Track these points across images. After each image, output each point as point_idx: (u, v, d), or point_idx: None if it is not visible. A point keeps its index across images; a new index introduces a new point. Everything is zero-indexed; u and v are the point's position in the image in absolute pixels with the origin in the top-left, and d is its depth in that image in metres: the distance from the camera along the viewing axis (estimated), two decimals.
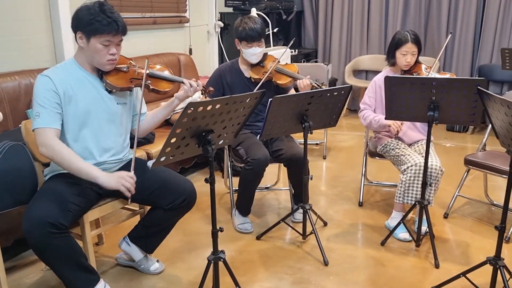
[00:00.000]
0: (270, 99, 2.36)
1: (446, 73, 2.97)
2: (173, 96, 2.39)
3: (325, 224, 3.08)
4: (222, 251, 2.17)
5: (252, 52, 2.95)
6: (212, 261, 2.12)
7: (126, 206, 2.48)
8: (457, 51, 5.38)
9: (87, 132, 2.17)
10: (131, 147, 2.39)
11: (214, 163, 2.01)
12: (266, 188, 3.67)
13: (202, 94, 2.53)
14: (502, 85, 5.25)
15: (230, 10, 5.25)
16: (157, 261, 2.54)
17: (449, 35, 3.21)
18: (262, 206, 3.41)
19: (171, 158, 1.92)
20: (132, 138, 2.34)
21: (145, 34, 4.21)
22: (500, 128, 2.16)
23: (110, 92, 2.23)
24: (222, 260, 2.15)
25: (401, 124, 2.84)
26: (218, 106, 1.85)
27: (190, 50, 4.79)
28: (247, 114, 2.08)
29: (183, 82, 2.34)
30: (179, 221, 2.45)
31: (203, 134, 1.93)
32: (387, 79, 2.52)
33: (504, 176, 2.82)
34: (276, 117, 2.46)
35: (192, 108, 1.75)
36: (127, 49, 2.25)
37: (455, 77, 2.64)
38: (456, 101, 2.45)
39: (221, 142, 2.10)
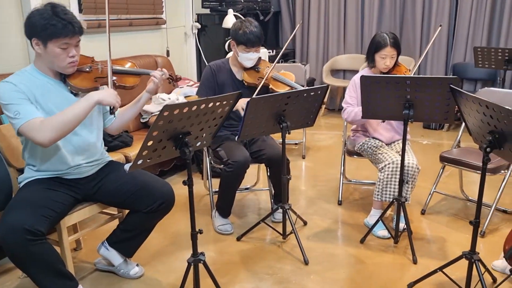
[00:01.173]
0: (247, 100, 2.37)
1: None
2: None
3: (305, 223, 3.10)
4: (202, 253, 2.16)
5: (250, 57, 2.91)
6: (192, 264, 2.12)
7: (104, 210, 2.46)
8: (432, 51, 5.48)
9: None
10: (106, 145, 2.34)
11: (193, 165, 2.00)
12: (246, 189, 3.67)
13: (169, 82, 2.48)
14: (476, 82, 5.37)
15: (207, 11, 5.24)
16: (137, 265, 2.52)
17: (439, 28, 3.05)
18: (242, 207, 3.41)
19: (148, 161, 1.90)
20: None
21: (121, 36, 4.17)
22: (473, 125, 2.20)
23: (76, 94, 2.18)
24: (202, 262, 2.14)
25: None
26: (194, 108, 1.84)
27: (168, 51, 4.76)
28: (224, 115, 2.07)
29: (149, 74, 2.29)
30: (158, 224, 2.43)
31: (180, 136, 1.92)
32: (362, 78, 2.55)
33: (478, 172, 2.88)
34: (254, 118, 2.47)
35: (168, 111, 1.74)
36: (103, 51, 2.22)
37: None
38: (430, 99, 2.49)
39: (198, 144, 2.10)
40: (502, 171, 2.97)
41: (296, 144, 4.77)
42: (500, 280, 2.38)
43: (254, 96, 2.78)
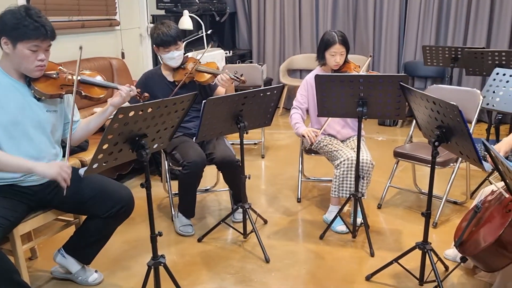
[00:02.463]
0: (204, 101, 2.37)
1: (372, 72, 3.11)
2: (107, 101, 2.33)
3: (265, 222, 3.13)
4: (162, 256, 2.15)
5: (170, 56, 2.98)
6: (152, 267, 2.10)
7: (59, 217, 2.39)
8: (384, 50, 5.64)
9: (15, 141, 2.07)
10: (64, 155, 2.30)
11: (152, 167, 1.99)
12: (206, 190, 3.67)
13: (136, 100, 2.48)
14: (426, 80, 5.57)
15: (162, 12, 5.19)
16: (96, 271, 2.47)
17: (369, 58, 3.33)
18: (202, 208, 3.41)
19: (104, 164, 1.87)
20: (64, 145, 2.25)
21: (74, 38, 4.07)
22: (422, 120, 2.30)
23: (39, 99, 2.13)
24: (162, 264, 2.13)
25: (315, 136, 2.94)
26: (150, 110, 1.83)
27: (123, 54, 4.69)
28: (180, 116, 2.07)
29: (116, 88, 2.29)
30: (117, 228, 2.39)
31: (137, 138, 1.90)
32: (317, 77, 2.60)
33: (428, 165, 2.98)
34: (211, 118, 2.48)
35: (123, 113, 1.72)
36: (54, 54, 2.17)
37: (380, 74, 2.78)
38: (382, 97, 2.58)
39: (155, 146, 2.08)
40: (452, 164, 3.10)
41: (255, 143, 4.81)
42: (452, 268, 2.49)
43: (175, 91, 2.89)
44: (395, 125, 5.45)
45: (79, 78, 2.19)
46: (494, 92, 3.17)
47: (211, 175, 3.79)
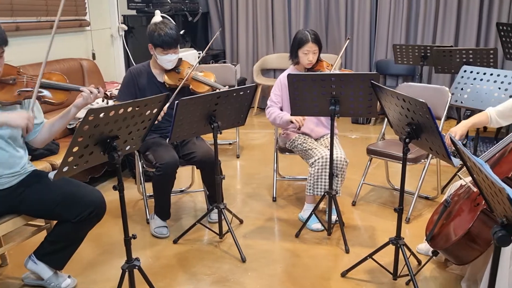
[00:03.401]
0: (176, 102, 2.35)
1: (345, 70, 3.15)
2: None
3: (241, 222, 3.13)
4: (137, 259, 2.13)
5: (168, 59, 2.91)
6: (127, 270, 2.07)
7: (30, 222, 2.34)
8: (356, 49, 5.71)
9: None
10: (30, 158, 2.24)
11: (125, 170, 1.96)
12: (181, 191, 3.64)
13: (103, 101, 2.43)
14: (398, 78, 5.66)
15: (134, 12, 5.13)
16: (69, 276, 2.42)
17: (347, 40, 3.34)
18: (178, 209, 3.38)
19: (74, 167, 1.84)
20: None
21: (42, 39, 3.98)
22: (393, 118, 2.34)
23: None
24: (137, 267, 2.10)
25: (303, 119, 2.96)
26: (121, 111, 1.81)
27: (93, 55, 4.61)
28: (152, 118, 2.05)
29: (79, 90, 2.21)
30: (90, 232, 2.35)
31: (108, 140, 1.88)
32: (289, 77, 2.62)
33: (400, 162, 3.03)
34: (184, 119, 2.46)
35: (93, 115, 1.69)
36: (22, 55, 2.12)
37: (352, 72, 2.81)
38: (353, 95, 2.61)
39: (128, 148, 2.06)
40: (423, 160, 3.16)
41: (230, 144, 4.80)
42: (424, 262, 2.53)
43: (173, 97, 2.81)
44: (368, 123, 5.52)
45: (39, 82, 2.10)
46: (462, 89, 3.25)
47: (186, 176, 3.78)
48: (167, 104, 2.72)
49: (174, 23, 4.86)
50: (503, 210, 1.24)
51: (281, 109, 3.19)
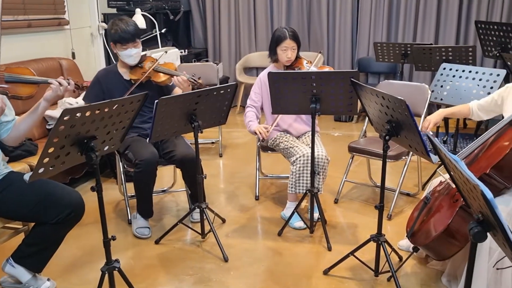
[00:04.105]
0: (156, 101, 2.33)
1: (325, 67, 3.16)
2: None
3: (224, 221, 3.11)
4: (117, 260, 2.10)
5: (128, 54, 2.92)
6: (106, 272, 2.05)
7: (7, 225, 2.29)
8: (338, 46, 5.73)
9: None
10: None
11: (107, 170, 1.93)
12: (163, 191, 3.61)
13: (74, 92, 2.36)
14: (379, 76, 5.70)
15: (114, 11, 5.07)
16: (48, 279, 2.38)
17: (319, 54, 3.36)
18: (160, 209, 3.35)
19: (51, 169, 1.80)
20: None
21: (20, 39, 3.91)
22: (373, 115, 2.35)
23: None
24: (117, 269, 2.08)
25: (267, 132, 2.97)
26: (98, 111, 1.78)
27: (73, 54, 4.54)
28: (131, 117, 2.02)
29: (47, 82, 2.17)
30: (70, 234, 2.31)
31: (85, 141, 1.84)
32: (270, 75, 2.61)
33: (381, 159, 3.05)
34: (164, 118, 2.44)
35: (69, 115, 1.66)
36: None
37: (332, 70, 2.82)
38: (334, 93, 2.61)
39: (106, 148, 2.03)
40: (404, 157, 3.19)
41: (213, 142, 4.78)
42: (405, 258, 2.56)
43: (131, 90, 2.84)
44: (350, 120, 5.55)
45: (3, 76, 2.07)
46: (441, 86, 3.28)
47: (168, 175, 3.75)
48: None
49: (152, 19, 4.85)
50: (478, 206, 1.25)
51: (262, 108, 3.19)
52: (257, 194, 3.48)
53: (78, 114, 1.69)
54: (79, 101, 3.71)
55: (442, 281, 2.42)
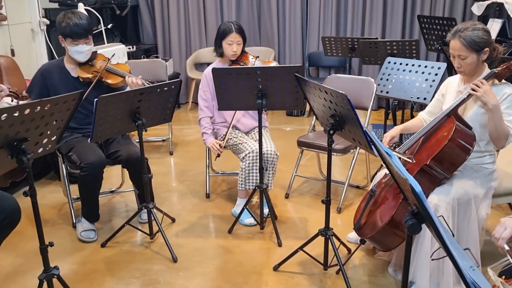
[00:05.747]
0: (95, 99, 2.24)
1: (271, 62, 3.15)
2: None
3: (173, 220, 3.05)
4: (56, 267, 2.01)
5: (79, 50, 2.78)
6: (44, 280, 1.95)
7: None
8: (289, 41, 5.75)
9: None
10: None
11: (51, 172, 1.83)
12: (111, 191, 3.50)
13: (12, 100, 2.26)
14: (330, 70, 5.76)
15: (56, 5, 4.86)
16: None
17: (256, 58, 3.32)
18: (108, 211, 3.25)
19: None
20: None
21: None
22: (317, 110, 2.35)
23: None
24: (56, 276, 1.99)
25: (221, 148, 3.01)
26: (27, 111, 1.68)
27: (12, 51, 4.32)
28: (66, 117, 1.93)
29: None
30: (9, 241, 2.20)
31: (15, 143, 1.74)
32: (214, 71, 2.57)
33: (332, 153, 3.07)
34: (105, 117, 2.35)
35: None
36: None
37: (277, 65, 2.81)
38: (280, 88, 2.60)
39: (40, 150, 1.93)
40: (352, 150, 3.23)
41: (163, 140, 4.68)
42: (353, 250, 2.59)
43: (87, 92, 2.71)
44: (302, 115, 5.58)
45: None
46: (387, 80, 3.34)
47: (116, 176, 3.64)
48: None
49: (96, 14, 4.68)
50: (412, 198, 1.27)
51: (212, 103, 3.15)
52: (207, 192, 3.43)
53: (3, 115, 1.59)
54: (7, 100, 3.53)
55: (388, 271, 2.47)
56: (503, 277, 1.32)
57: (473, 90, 2.13)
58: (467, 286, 1.06)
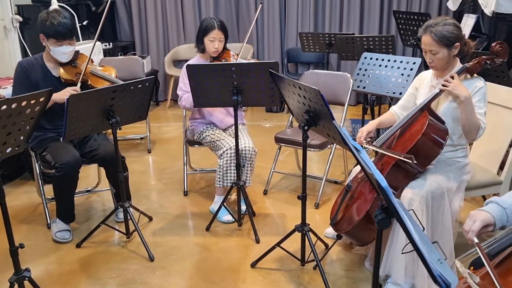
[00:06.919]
0: (66, 98, 2.20)
1: (251, 60, 3.13)
2: None
3: (150, 219, 3.03)
4: (27, 269, 1.97)
5: (63, 51, 2.69)
6: (15, 283, 1.91)
7: None
8: (267, 38, 5.74)
9: None
10: None
11: (25, 173, 1.79)
12: (87, 191, 3.45)
13: None
14: (309, 65, 5.78)
15: (29, 2, 4.76)
16: None
17: (260, 6, 3.29)
18: (84, 210, 3.20)
19: None
20: None
21: None
22: (292, 106, 2.35)
23: None
24: (27, 279, 1.95)
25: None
26: None
27: None
28: (35, 116, 1.89)
29: None
30: None
31: None
32: (188, 67, 2.55)
33: (309, 149, 3.08)
34: (78, 116, 2.31)
35: None
36: None
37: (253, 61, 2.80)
38: (255, 85, 2.59)
39: (9, 150, 1.88)
40: (329, 146, 3.24)
41: (141, 138, 4.63)
42: (330, 245, 2.60)
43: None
44: (282, 111, 5.58)
45: None
46: (364, 75, 3.36)
47: (93, 175, 3.59)
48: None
49: (71, 11, 4.60)
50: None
51: None
52: (185, 190, 3.41)
53: None
54: None
55: (365, 265, 2.49)
56: (471, 268, 1.34)
57: (444, 86, 2.16)
58: (434, 279, 1.07)
